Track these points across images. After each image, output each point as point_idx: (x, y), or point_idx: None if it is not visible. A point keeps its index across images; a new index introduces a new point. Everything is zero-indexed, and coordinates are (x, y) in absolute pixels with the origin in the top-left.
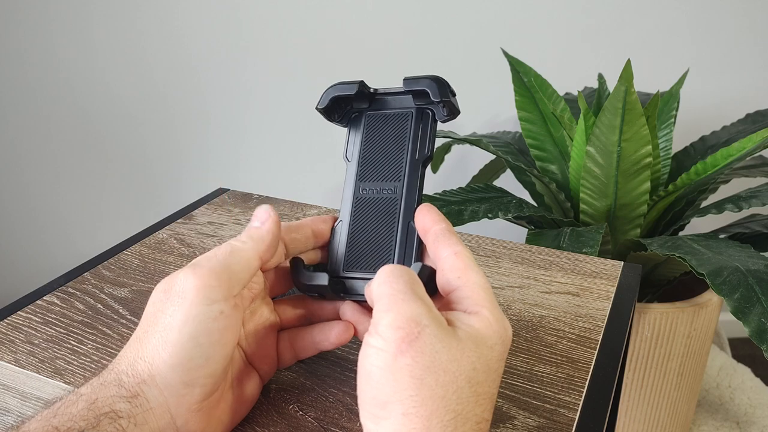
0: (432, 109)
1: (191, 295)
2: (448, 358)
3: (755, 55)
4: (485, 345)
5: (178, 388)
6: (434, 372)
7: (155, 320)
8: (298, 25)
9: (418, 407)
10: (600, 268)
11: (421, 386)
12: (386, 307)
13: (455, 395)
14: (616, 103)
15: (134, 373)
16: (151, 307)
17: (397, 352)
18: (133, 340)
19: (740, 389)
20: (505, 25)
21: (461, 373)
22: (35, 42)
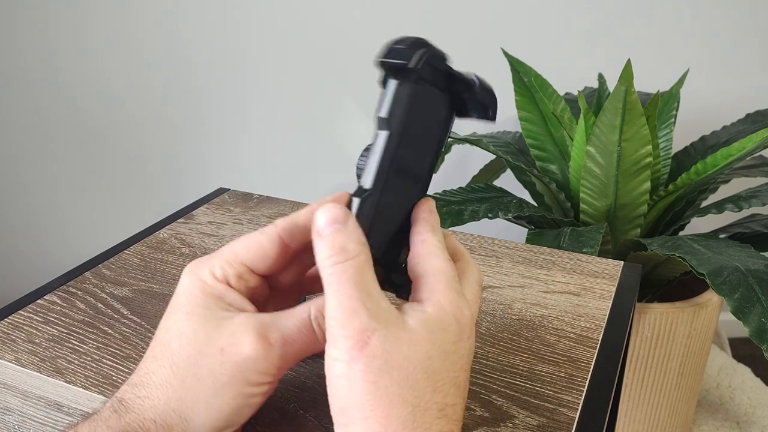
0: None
1: (255, 377)
2: (400, 356)
3: (755, 55)
4: (439, 328)
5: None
6: (387, 372)
7: (200, 378)
8: (298, 24)
9: (375, 409)
10: (600, 267)
11: (376, 389)
12: (335, 314)
13: (410, 389)
14: (617, 103)
15: (165, 425)
16: (193, 353)
17: (351, 360)
18: (160, 383)
19: (740, 389)
20: (505, 25)
21: (415, 366)
22: (35, 43)
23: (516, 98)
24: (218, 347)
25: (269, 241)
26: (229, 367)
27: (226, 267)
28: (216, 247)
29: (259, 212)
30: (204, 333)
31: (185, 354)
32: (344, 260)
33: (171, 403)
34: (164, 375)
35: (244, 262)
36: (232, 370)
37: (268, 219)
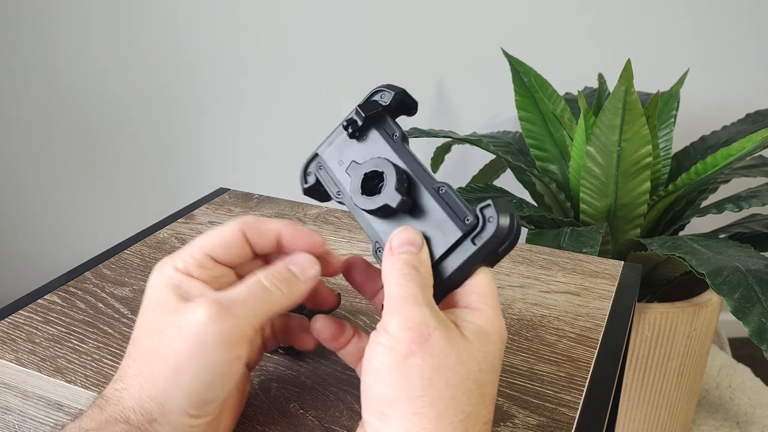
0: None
1: (213, 341)
2: (457, 360)
3: (755, 55)
4: (489, 342)
5: (188, 420)
6: (443, 374)
7: (164, 358)
8: (299, 25)
9: (428, 407)
10: (600, 267)
11: (430, 387)
12: (396, 308)
13: (464, 397)
14: (617, 103)
15: (143, 411)
16: (156, 339)
17: (408, 353)
18: (134, 374)
19: (740, 389)
20: (505, 25)
21: (469, 375)
22: (35, 43)
23: (516, 98)
24: (176, 326)
25: (231, 233)
26: (188, 339)
27: (188, 258)
28: None
29: (259, 212)
30: (164, 319)
31: (151, 344)
32: (414, 274)
33: (145, 390)
34: (136, 366)
35: (205, 252)
36: (192, 342)
37: None
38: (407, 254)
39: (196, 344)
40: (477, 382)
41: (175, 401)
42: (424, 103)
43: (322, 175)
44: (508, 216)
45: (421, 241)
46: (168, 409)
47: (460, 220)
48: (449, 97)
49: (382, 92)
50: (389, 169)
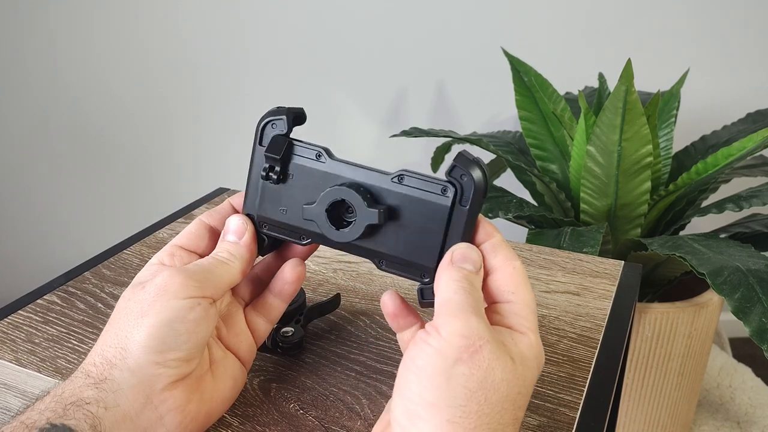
0: None
1: (173, 288)
2: (501, 378)
3: (755, 55)
4: (529, 368)
5: (150, 367)
6: (486, 389)
7: (128, 311)
8: (298, 24)
9: (464, 418)
10: (600, 267)
11: (471, 399)
12: (454, 313)
13: (499, 415)
14: (617, 103)
15: (102, 361)
16: (121, 302)
17: (456, 360)
18: (101, 338)
19: (741, 389)
20: (505, 25)
21: (509, 395)
22: (35, 43)
23: (516, 98)
24: (140, 288)
25: (193, 224)
26: (151, 289)
27: (160, 254)
28: None
29: None
30: (131, 290)
31: (117, 311)
32: (472, 290)
33: (107, 342)
34: (102, 334)
35: (174, 243)
36: (154, 291)
37: None
38: (467, 271)
39: (158, 292)
40: (513, 404)
41: (135, 343)
42: (424, 103)
43: (275, 232)
44: (477, 167)
45: (480, 263)
46: (128, 352)
47: (440, 194)
48: (449, 97)
49: (272, 122)
50: (347, 193)
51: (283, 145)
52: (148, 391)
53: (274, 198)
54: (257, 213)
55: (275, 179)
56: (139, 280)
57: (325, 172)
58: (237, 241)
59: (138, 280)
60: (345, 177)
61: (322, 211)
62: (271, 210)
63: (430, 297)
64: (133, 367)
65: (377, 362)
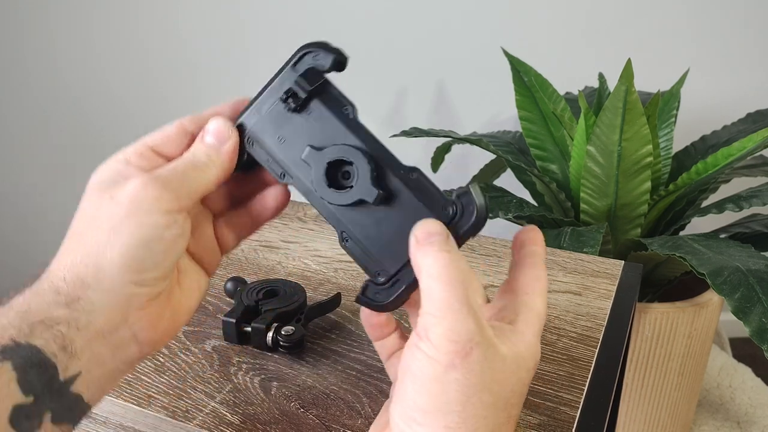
0: None
1: (148, 203)
2: (493, 379)
3: (755, 55)
4: (524, 367)
5: (127, 287)
6: (480, 391)
7: (97, 223)
8: (298, 23)
9: (461, 423)
10: (601, 267)
11: (467, 404)
12: (441, 313)
13: (494, 416)
14: (617, 103)
15: (75, 278)
16: (89, 208)
17: (449, 365)
18: (66, 249)
19: (741, 389)
20: (505, 25)
21: (502, 395)
22: (35, 43)
23: (516, 98)
24: (109, 197)
25: (171, 126)
26: (122, 204)
27: (128, 150)
28: None
29: None
30: (98, 196)
31: (84, 218)
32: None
33: (77, 258)
34: (69, 244)
35: (146, 143)
36: (126, 206)
37: None
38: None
39: (131, 207)
40: (507, 403)
41: (110, 262)
42: (424, 103)
43: (256, 152)
44: (485, 203)
45: (445, 231)
46: (103, 272)
47: (439, 208)
48: (449, 97)
49: (315, 53)
50: (359, 159)
51: (318, 80)
52: (124, 311)
53: (278, 123)
54: (251, 127)
55: (292, 107)
56: (103, 181)
57: (344, 128)
58: (217, 145)
59: (102, 181)
60: (360, 143)
61: (324, 161)
62: (269, 133)
63: (374, 298)
64: (108, 288)
65: (378, 361)
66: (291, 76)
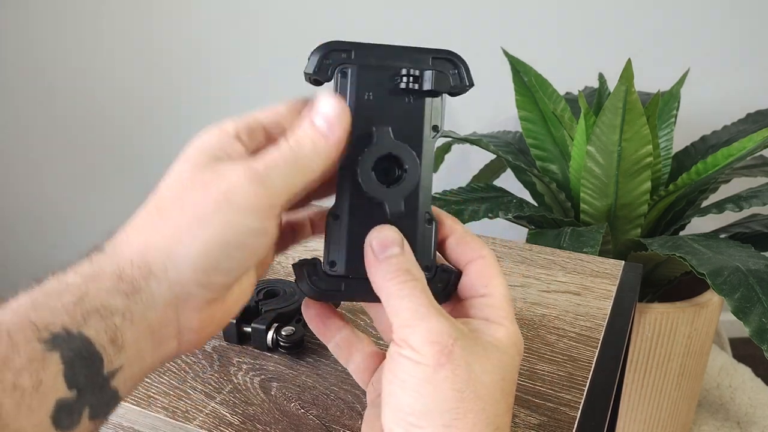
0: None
1: (245, 204)
2: (482, 370)
3: (755, 55)
4: (508, 355)
5: (191, 286)
6: (472, 384)
7: (183, 207)
8: (300, 23)
9: (460, 419)
10: (601, 267)
11: (462, 399)
12: (413, 321)
13: (493, 408)
14: (617, 103)
15: (142, 263)
16: (177, 185)
17: (437, 365)
18: (143, 225)
19: (741, 389)
20: (505, 25)
21: (495, 384)
22: (36, 42)
23: (516, 98)
24: (202, 182)
25: (285, 107)
26: (214, 195)
27: (238, 122)
28: None
29: None
30: (193, 171)
31: (170, 193)
32: (412, 279)
33: (151, 239)
34: (146, 215)
35: (258, 119)
36: (217, 198)
37: None
38: (394, 258)
39: (223, 201)
40: (502, 392)
41: (184, 257)
42: None
43: (339, 82)
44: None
45: (400, 238)
46: (173, 264)
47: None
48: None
49: (457, 67)
50: (412, 173)
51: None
52: (179, 308)
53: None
54: (359, 61)
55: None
56: (204, 152)
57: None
58: (326, 131)
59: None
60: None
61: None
62: (365, 81)
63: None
64: (173, 281)
65: None
66: (425, 61)
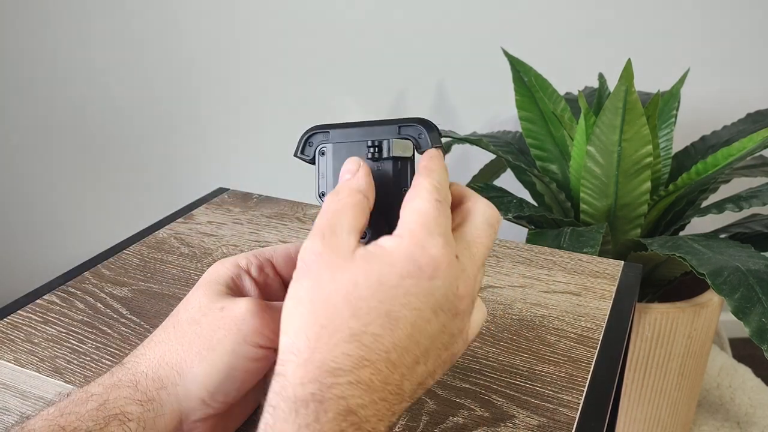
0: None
1: (249, 331)
2: (328, 279)
3: (755, 55)
4: (381, 261)
5: (196, 402)
6: (311, 292)
7: (198, 329)
8: (297, 23)
9: (291, 324)
10: (600, 267)
11: (297, 306)
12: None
13: (324, 311)
14: (617, 103)
15: (156, 377)
16: (194, 311)
17: (294, 280)
18: (160, 341)
19: (741, 389)
20: (505, 25)
21: (338, 291)
22: (32, 44)
23: (516, 98)
24: (219, 307)
25: (295, 248)
26: (227, 321)
27: (251, 257)
28: (215, 247)
29: (258, 212)
30: (209, 299)
31: (188, 316)
32: (334, 200)
33: (166, 357)
34: (165, 335)
35: (269, 257)
36: (229, 325)
37: (267, 219)
38: (345, 182)
39: (234, 329)
40: (346, 297)
41: (193, 377)
42: (424, 103)
43: (319, 160)
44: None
45: (356, 166)
46: (183, 381)
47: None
48: (449, 97)
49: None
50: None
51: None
52: (183, 418)
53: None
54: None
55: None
56: (218, 282)
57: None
58: None
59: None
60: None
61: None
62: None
63: None
64: (180, 395)
65: None
66: (392, 131)
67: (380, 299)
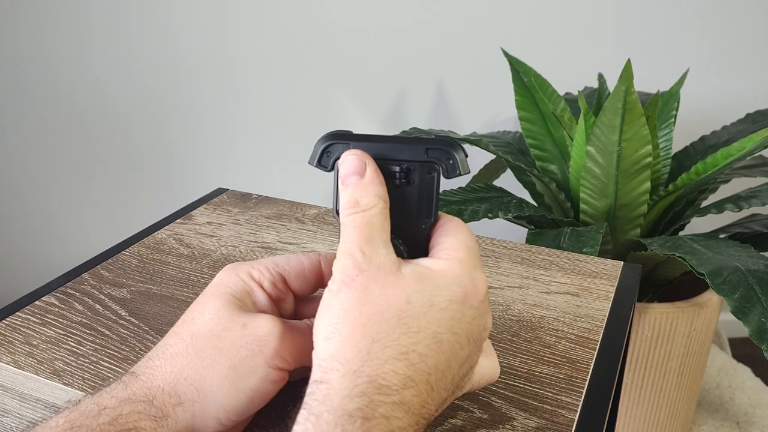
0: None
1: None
2: (379, 294)
3: (755, 55)
4: (432, 283)
5: (210, 420)
6: (360, 305)
7: (218, 347)
8: (296, 23)
9: (335, 333)
10: (600, 268)
11: (345, 316)
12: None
13: (376, 325)
14: (617, 103)
15: (173, 392)
16: (212, 323)
17: (336, 291)
18: (176, 353)
19: (740, 389)
20: (505, 25)
21: (389, 306)
22: (31, 44)
23: (516, 98)
24: (241, 323)
25: (309, 262)
26: (250, 340)
27: (263, 270)
28: (215, 248)
29: (257, 212)
30: (228, 311)
31: (207, 327)
32: (356, 212)
33: (184, 372)
34: (182, 346)
35: (281, 271)
36: (252, 345)
37: (266, 219)
38: (350, 188)
39: (257, 349)
40: (399, 313)
41: (214, 394)
42: (424, 103)
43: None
44: None
45: (362, 165)
46: (201, 398)
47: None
48: (449, 97)
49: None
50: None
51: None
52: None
53: None
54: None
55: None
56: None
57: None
58: None
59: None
60: None
61: None
62: None
63: None
64: (197, 412)
65: None
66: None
67: (429, 320)
